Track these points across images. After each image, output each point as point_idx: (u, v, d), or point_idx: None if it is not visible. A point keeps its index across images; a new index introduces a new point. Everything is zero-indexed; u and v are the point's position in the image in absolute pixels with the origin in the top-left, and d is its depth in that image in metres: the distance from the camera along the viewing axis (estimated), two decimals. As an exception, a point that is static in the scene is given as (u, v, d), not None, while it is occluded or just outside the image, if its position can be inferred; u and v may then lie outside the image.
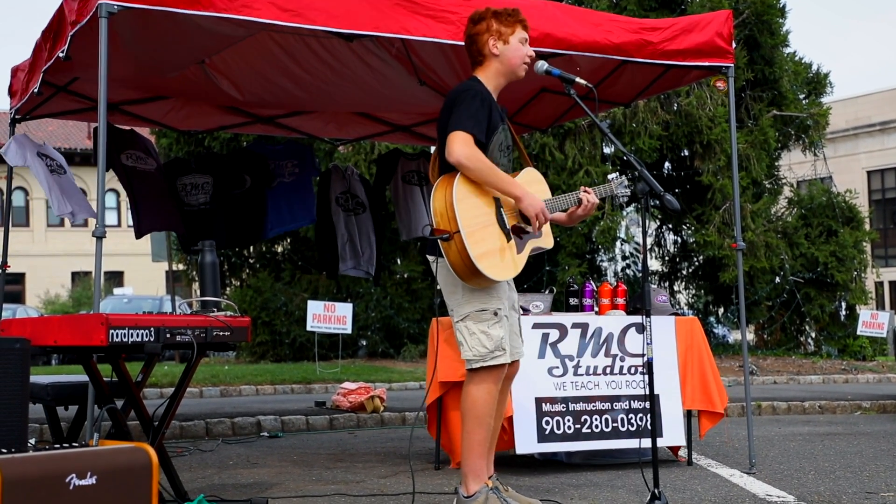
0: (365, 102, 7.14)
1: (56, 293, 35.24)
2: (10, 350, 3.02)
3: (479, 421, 4.01)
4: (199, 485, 4.95)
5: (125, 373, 4.17)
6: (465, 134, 3.86)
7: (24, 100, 5.87)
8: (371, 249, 7.94)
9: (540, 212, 3.98)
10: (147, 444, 2.86)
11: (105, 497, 2.68)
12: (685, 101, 14.64)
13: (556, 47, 4.99)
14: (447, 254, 3.88)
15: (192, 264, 16.60)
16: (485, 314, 4.01)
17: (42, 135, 32.90)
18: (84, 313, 3.74)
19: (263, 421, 7.61)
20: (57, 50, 4.83)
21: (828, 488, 4.78)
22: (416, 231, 8.00)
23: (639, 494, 4.57)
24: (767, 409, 9.07)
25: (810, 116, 16.20)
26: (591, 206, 4.24)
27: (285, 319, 15.92)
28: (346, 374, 11.54)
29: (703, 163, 14.96)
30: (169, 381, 10.17)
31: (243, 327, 4.24)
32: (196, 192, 7.42)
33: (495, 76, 4.13)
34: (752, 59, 15.32)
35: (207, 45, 5.64)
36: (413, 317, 16.10)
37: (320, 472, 5.43)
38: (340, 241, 7.83)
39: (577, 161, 14.36)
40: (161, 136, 15.50)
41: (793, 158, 18.80)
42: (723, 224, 14.84)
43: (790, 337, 16.70)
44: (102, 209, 4.39)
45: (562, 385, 5.30)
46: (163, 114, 7.21)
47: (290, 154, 7.72)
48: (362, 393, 8.39)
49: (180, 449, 6.44)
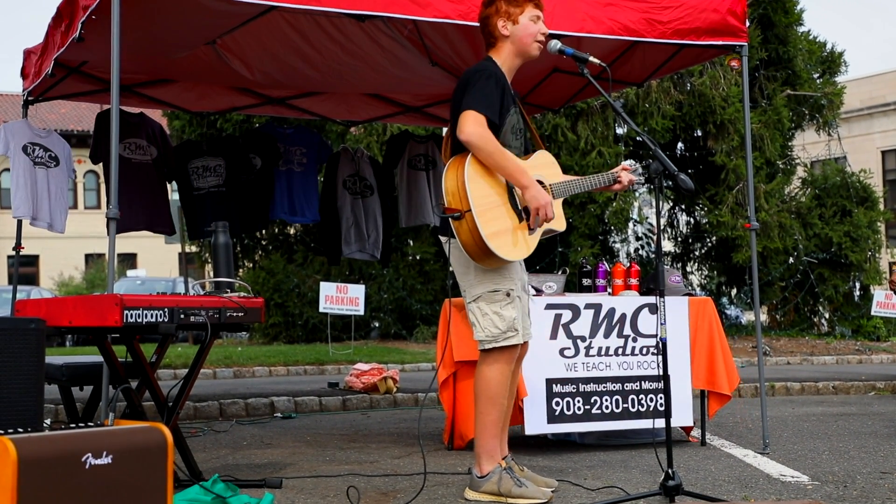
0: (377, 83, 7.12)
1: (70, 275, 35.43)
2: (25, 330, 3.03)
3: (492, 401, 4.02)
4: (213, 465, 4.98)
5: (140, 353, 4.19)
6: (478, 114, 3.85)
7: (37, 82, 5.88)
8: (378, 233, 7.94)
9: (542, 206, 3.91)
10: (162, 424, 2.87)
11: (121, 476, 2.70)
12: (698, 81, 14.55)
13: (565, 28, 4.96)
14: (458, 233, 3.87)
15: (205, 246, 16.64)
16: (497, 295, 4.00)
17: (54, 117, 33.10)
18: (99, 294, 3.76)
19: (277, 402, 7.64)
20: (70, 34, 4.83)
21: (842, 468, 4.78)
22: (415, 219, 7.99)
23: (652, 474, 4.57)
24: (781, 389, 9.06)
25: (824, 96, 16.08)
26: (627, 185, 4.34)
27: (298, 301, 15.96)
28: (359, 356, 11.57)
29: (717, 143, 14.88)
30: (182, 362, 10.22)
31: (257, 308, 4.25)
32: (208, 174, 7.42)
33: (509, 57, 4.11)
34: (766, 38, 15.21)
35: (218, 25, 5.62)
36: (425, 298, 16.12)
37: (334, 453, 5.45)
38: (345, 224, 7.83)
39: (590, 142, 14.30)
40: (173, 117, 15.52)
41: (806, 138, 18.67)
42: (736, 204, 14.77)
43: (803, 317, 16.64)
44: (116, 190, 4.39)
45: (573, 366, 5.30)
46: (175, 95, 7.21)
47: (300, 140, 7.72)
48: (375, 374, 8.42)
49: (194, 430, 6.47)
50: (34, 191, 6.13)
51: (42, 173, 6.19)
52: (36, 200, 6.14)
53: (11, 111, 35.64)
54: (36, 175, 6.14)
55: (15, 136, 6.11)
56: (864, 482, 4.39)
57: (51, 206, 6.24)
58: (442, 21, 4.76)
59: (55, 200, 6.26)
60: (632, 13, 5.13)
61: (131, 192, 6.78)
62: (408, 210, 7.99)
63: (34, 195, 6.12)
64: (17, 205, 6.08)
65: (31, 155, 6.13)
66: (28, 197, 6.08)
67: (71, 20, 4.90)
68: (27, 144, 6.13)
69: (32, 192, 6.12)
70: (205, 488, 3.75)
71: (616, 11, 5.07)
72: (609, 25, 5.05)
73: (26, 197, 6.07)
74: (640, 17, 5.15)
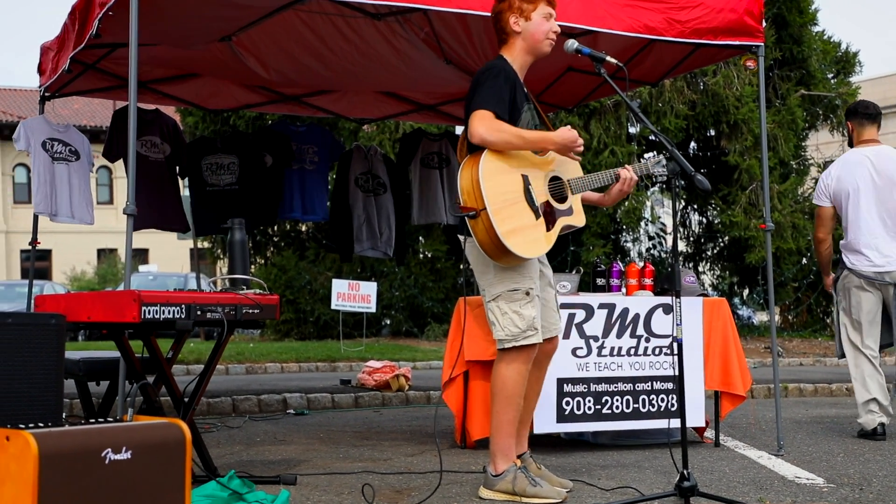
0: (390, 82, 7.13)
1: (82, 270, 35.56)
2: (45, 326, 3.05)
3: (508, 401, 4.02)
4: (227, 461, 5.00)
5: (156, 349, 4.21)
6: (486, 111, 3.85)
7: (54, 78, 5.90)
8: (390, 231, 7.94)
9: (570, 139, 3.98)
10: (180, 420, 2.89)
11: (140, 471, 2.71)
12: (712, 80, 14.51)
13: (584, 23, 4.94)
14: (475, 232, 3.87)
15: (217, 242, 16.69)
16: (517, 294, 4.00)
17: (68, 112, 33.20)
18: (117, 290, 3.78)
19: (289, 398, 7.66)
20: (86, 32, 4.85)
21: (857, 471, 4.76)
22: (427, 217, 7.99)
23: (666, 475, 4.57)
24: (794, 391, 9.03)
25: (839, 96, 16.00)
26: (631, 183, 4.22)
27: (310, 298, 15.99)
28: (371, 353, 11.58)
29: (730, 143, 14.83)
30: (195, 358, 10.25)
31: (272, 305, 4.27)
32: (221, 171, 7.43)
33: (520, 54, 4.11)
34: (781, 38, 15.15)
35: (233, 17, 5.63)
36: (437, 296, 16.13)
37: (347, 450, 5.46)
38: (357, 222, 7.84)
39: (603, 141, 14.28)
40: (187, 114, 15.55)
41: (820, 138, 18.61)
42: (749, 205, 14.72)
43: (816, 318, 16.58)
44: (133, 187, 4.41)
45: (584, 366, 5.30)
46: (190, 92, 7.23)
47: (312, 138, 7.73)
48: (387, 371, 8.43)
49: (207, 425, 6.49)
50: (53, 187, 6.15)
51: (62, 168, 6.21)
52: (55, 196, 6.16)
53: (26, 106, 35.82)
54: (55, 171, 6.16)
55: (34, 132, 6.13)
56: (881, 485, 4.38)
57: (74, 200, 6.26)
58: (462, 11, 4.72)
59: (79, 194, 6.29)
60: (651, 13, 5.12)
61: (146, 189, 6.79)
62: (420, 208, 7.99)
63: (53, 191, 6.15)
64: (38, 201, 6.11)
65: (51, 151, 6.15)
66: (47, 194, 6.11)
67: (87, 17, 4.92)
68: (46, 140, 6.15)
69: (52, 189, 6.14)
70: (221, 484, 3.76)
71: (635, 11, 5.07)
72: (629, 23, 5.04)
73: (46, 194, 6.09)
74: (660, 17, 5.14)
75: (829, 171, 6.11)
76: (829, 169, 6.13)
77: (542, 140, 3.99)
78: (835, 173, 6.02)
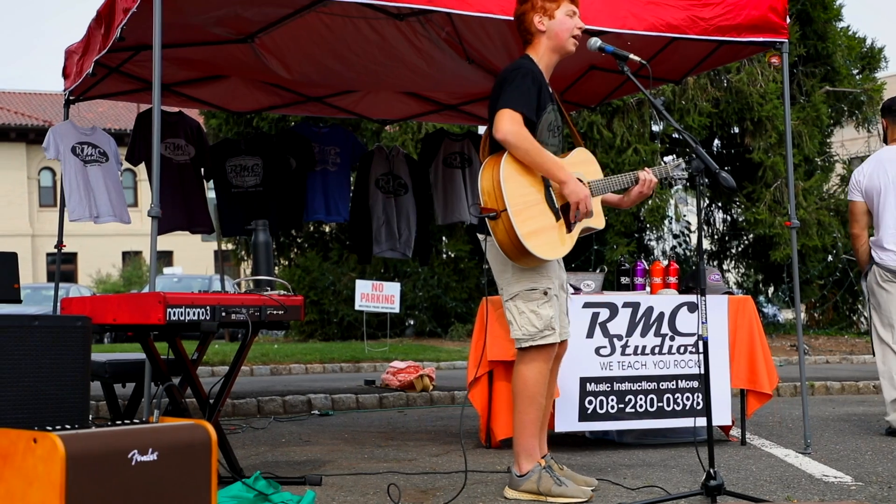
0: (413, 82, 7.13)
1: (107, 272, 35.82)
2: (72, 328, 3.07)
3: (530, 400, 4.01)
4: (252, 462, 5.02)
5: (182, 351, 4.23)
6: (514, 112, 3.84)
7: (79, 82, 5.95)
8: (410, 231, 7.93)
9: (582, 200, 3.90)
10: (206, 422, 2.90)
11: (166, 473, 2.72)
12: (735, 77, 14.43)
13: (607, 25, 4.93)
14: (495, 233, 3.87)
15: (242, 244, 16.75)
16: (534, 293, 4.00)
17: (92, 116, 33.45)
18: (142, 292, 3.80)
19: (314, 399, 7.68)
20: (111, 35, 4.89)
21: (886, 469, 4.72)
22: (451, 216, 7.98)
23: (693, 474, 4.54)
24: (821, 388, 8.96)
25: (864, 92, 15.86)
26: (650, 185, 4.20)
27: (333, 299, 16.03)
28: (395, 353, 11.59)
29: (754, 140, 14.73)
30: (220, 359, 10.30)
31: (296, 306, 4.28)
32: (245, 173, 7.46)
33: (546, 53, 4.09)
34: (805, 34, 15.04)
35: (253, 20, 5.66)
36: (460, 296, 16.12)
37: (372, 451, 5.47)
38: (376, 223, 7.83)
39: (626, 139, 14.22)
40: (210, 116, 15.63)
41: (845, 135, 18.46)
42: (773, 202, 14.62)
43: (842, 316, 16.44)
44: (157, 189, 4.43)
45: (608, 364, 5.28)
46: (213, 94, 7.27)
47: (335, 139, 7.74)
48: (411, 372, 8.44)
49: (233, 426, 6.52)
50: (88, 191, 6.17)
51: (95, 171, 6.23)
52: (93, 200, 6.18)
53: (51, 111, 36.14)
54: (88, 174, 6.19)
55: (63, 138, 6.16)
56: (909, 483, 4.34)
57: (113, 199, 6.30)
58: (479, 15, 4.72)
59: (115, 194, 6.32)
60: (674, 11, 5.09)
61: (171, 191, 6.82)
62: (444, 208, 7.98)
63: (89, 196, 6.17)
64: (73, 208, 6.11)
65: (81, 155, 6.19)
66: (83, 199, 6.11)
67: (112, 21, 4.95)
68: (76, 145, 6.18)
69: (87, 193, 6.16)
70: (247, 485, 3.77)
71: (658, 9, 5.04)
72: (651, 22, 5.02)
73: (81, 199, 6.10)
74: (683, 15, 5.11)
75: (862, 167, 6.08)
76: (862, 165, 6.11)
77: (556, 172, 3.89)
78: (867, 170, 5.99)
